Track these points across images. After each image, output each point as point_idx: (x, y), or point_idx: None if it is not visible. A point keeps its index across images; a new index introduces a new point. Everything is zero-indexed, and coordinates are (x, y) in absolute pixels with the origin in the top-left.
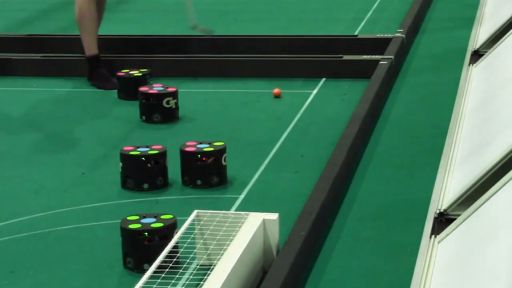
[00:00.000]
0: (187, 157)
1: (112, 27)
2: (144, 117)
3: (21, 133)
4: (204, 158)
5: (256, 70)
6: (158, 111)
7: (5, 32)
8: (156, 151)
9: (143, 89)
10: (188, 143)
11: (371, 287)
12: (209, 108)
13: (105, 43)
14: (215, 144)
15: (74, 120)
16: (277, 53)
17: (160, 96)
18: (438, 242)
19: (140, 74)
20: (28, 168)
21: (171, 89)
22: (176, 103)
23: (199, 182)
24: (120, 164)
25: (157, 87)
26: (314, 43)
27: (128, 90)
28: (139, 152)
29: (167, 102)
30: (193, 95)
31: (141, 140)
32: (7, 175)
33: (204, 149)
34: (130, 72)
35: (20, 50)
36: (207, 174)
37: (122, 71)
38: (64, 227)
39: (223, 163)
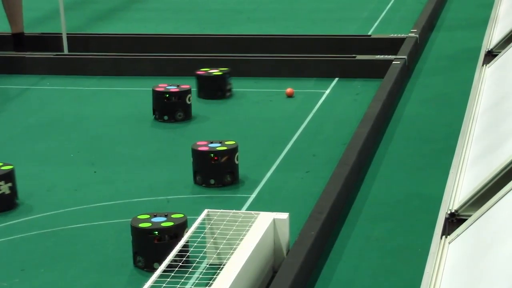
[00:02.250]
0: (200, 157)
1: (125, 26)
2: (156, 115)
3: (33, 131)
4: (216, 158)
5: (269, 69)
6: (181, 109)
7: None
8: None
9: (159, 89)
10: (200, 143)
11: (381, 287)
12: (222, 107)
13: (118, 41)
14: (226, 143)
15: (87, 119)
16: (290, 52)
17: (182, 94)
18: (449, 243)
19: (221, 73)
20: (40, 166)
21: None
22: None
23: (212, 181)
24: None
25: (171, 86)
26: (327, 42)
27: (208, 89)
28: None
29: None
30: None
31: (155, 139)
32: (19, 173)
33: (217, 148)
34: (210, 71)
35: (34, 48)
36: (220, 173)
37: (202, 69)
38: (75, 226)
39: (236, 162)
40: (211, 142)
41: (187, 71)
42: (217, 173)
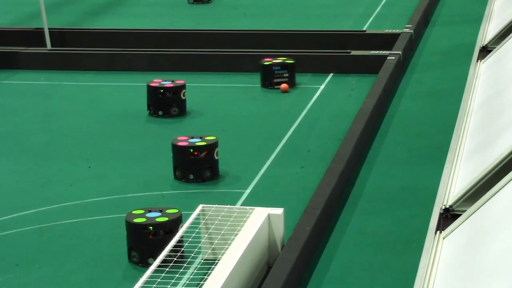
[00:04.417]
0: (179, 152)
1: (121, 21)
2: (150, 111)
3: (28, 127)
4: (196, 153)
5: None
6: (176, 104)
7: (14, 26)
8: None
9: (153, 84)
10: (180, 138)
11: (375, 282)
12: (217, 103)
13: (113, 36)
14: (207, 138)
15: (81, 114)
16: (285, 48)
17: (177, 89)
18: (443, 238)
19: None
20: (34, 162)
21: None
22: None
23: (191, 176)
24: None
25: (165, 82)
26: (322, 38)
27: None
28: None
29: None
30: (200, 89)
31: (149, 135)
32: (14, 169)
33: (196, 144)
34: (274, 61)
35: (28, 43)
36: (200, 168)
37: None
38: (70, 221)
39: (216, 157)
40: (192, 137)
41: (182, 67)
42: (196, 168)
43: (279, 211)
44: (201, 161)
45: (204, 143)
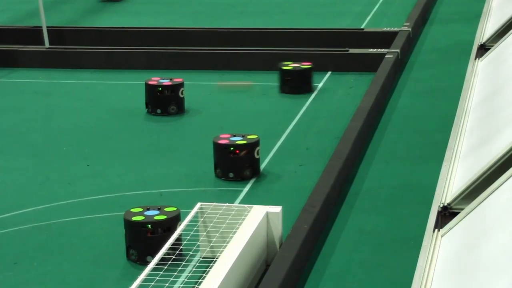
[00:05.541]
0: (218, 150)
1: (118, 19)
2: (149, 109)
3: (26, 125)
4: (237, 151)
5: (262, 62)
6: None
7: (12, 24)
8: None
9: (152, 82)
10: (222, 135)
11: (373, 280)
12: (215, 101)
13: (111, 34)
14: (248, 137)
15: (80, 113)
16: (283, 46)
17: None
18: (441, 236)
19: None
20: (32, 159)
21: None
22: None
23: (231, 174)
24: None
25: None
26: (320, 36)
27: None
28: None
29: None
30: (199, 87)
31: (148, 133)
32: (11, 166)
33: (236, 142)
34: (295, 65)
35: (26, 41)
36: (239, 167)
37: (285, 63)
38: (68, 219)
39: (256, 156)
40: (234, 135)
41: (180, 65)
42: (236, 166)
43: (277, 209)
44: (241, 160)
45: (244, 142)
